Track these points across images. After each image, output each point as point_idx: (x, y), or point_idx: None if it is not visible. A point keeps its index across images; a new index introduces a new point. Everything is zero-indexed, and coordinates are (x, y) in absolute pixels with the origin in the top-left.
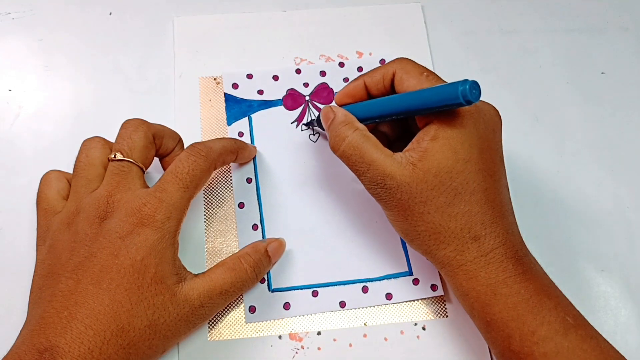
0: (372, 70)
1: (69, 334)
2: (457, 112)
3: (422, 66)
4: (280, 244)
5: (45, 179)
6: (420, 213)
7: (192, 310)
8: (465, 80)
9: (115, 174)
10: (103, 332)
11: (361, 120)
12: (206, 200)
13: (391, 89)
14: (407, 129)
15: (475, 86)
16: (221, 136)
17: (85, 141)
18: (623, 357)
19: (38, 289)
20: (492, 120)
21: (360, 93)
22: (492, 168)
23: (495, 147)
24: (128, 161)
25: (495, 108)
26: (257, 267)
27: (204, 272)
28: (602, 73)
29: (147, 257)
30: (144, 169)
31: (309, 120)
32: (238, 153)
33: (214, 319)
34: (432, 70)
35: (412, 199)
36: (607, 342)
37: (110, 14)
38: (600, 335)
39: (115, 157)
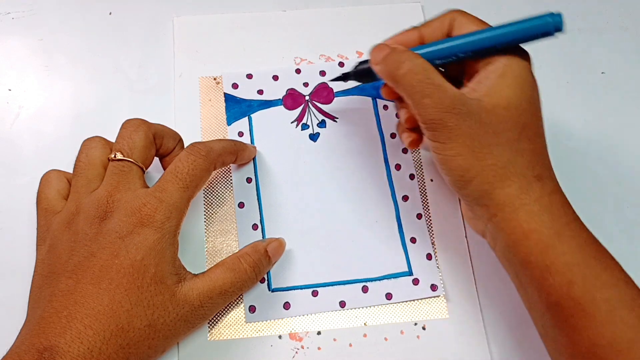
0: (427, 22)
1: (68, 333)
2: (520, 59)
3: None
4: (280, 244)
5: (45, 179)
6: (489, 145)
7: (192, 310)
8: (552, 13)
9: (115, 174)
10: (103, 332)
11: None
12: (206, 200)
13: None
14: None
15: (561, 17)
16: (221, 136)
17: (85, 141)
18: None
19: (38, 288)
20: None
21: (413, 43)
22: (541, 119)
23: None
24: (128, 161)
25: None
26: (257, 267)
27: (203, 272)
28: (602, 73)
29: (147, 257)
30: (144, 168)
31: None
32: (238, 154)
33: (214, 318)
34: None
35: (483, 127)
36: None
37: (110, 14)
38: None
39: (115, 156)
